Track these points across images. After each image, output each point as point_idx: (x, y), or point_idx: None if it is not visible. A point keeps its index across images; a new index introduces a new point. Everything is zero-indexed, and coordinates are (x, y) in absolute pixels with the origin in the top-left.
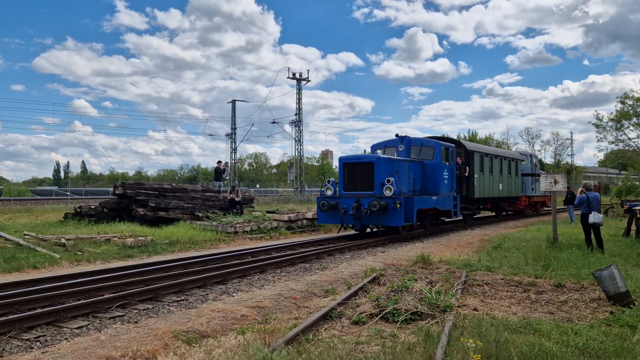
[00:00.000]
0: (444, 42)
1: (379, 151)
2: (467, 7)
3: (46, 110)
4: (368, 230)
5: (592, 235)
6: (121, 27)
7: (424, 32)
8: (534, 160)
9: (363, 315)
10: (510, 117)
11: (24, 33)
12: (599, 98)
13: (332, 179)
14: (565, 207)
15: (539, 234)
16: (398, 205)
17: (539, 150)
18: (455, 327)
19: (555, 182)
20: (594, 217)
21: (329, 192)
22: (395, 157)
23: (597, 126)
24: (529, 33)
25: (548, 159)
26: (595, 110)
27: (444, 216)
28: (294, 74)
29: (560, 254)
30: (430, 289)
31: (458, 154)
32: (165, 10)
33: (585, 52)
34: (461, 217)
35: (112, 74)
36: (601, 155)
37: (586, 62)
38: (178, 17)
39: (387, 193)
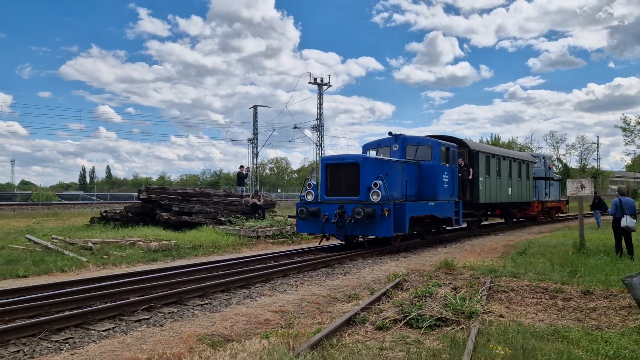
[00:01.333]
0: (465, 46)
1: (371, 152)
2: (488, 10)
3: (72, 116)
4: (357, 240)
5: (623, 241)
6: (144, 34)
7: (444, 35)
8: (548, 163)
9: (387, 320)
10: (534, 120)
11: (51, 41)
12: (625, 101)
13: (314, 182)
14: (592, 212)
15: (565, 239)
16: (386, 213)
17: (564, 155)
18: (481, 334)
19: (582, 186)
20: (626, 221)
21: (310, 197)
22: (386, 157)
23: (624, 130)
24: (552, 36)
25: (573, 163)
26: (623, 114)
27: (445, 224)
28: (315, 79)
29: (588, 260)
30: (455, 294)
31: (461, 155)
32: (186, 17)
33: (611, 54)
34: (465, 225)
35: (135, 81)
36: (629, 160)
37: (611, 65)
38: (199, 23)
39: (374, 198)
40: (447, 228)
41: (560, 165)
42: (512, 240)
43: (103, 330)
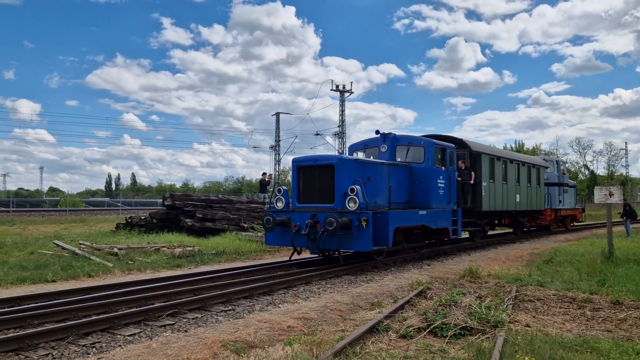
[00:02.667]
0: (487, 51)
1: (359, 153)
2: (510, 16)
3: (98, 124)
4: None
5: None
6: (167, 43)
7: (465, 41)
8: (562, 168)
9: (411, 329)
10: (559, 126)
11: (77, 51)
12: None
13: (285, 188)
14: (622, 219)
15: (592, 247)
16: (364, 223)
17: (590, 161)
18: (507, 344)
19: (611, 194)
20: None
21: (280, 205)
22: (369, 159)
23: None
24: (577, 40)
25: (601, 170)
26: None
27: (441, 235)
28: (337, 86)
29: (617, 269)
30: (480, 303)
31: (461, 157)
32: (209, 26)
33: (638, 59)
34: (467, 235)
35: (159, 89)
36: None
37: (639, 69)
38: (221, 32)
39: (351, 206)
40: (445, 239)
41: (587, 172)
42: (537, 249)
43: (129, 335)
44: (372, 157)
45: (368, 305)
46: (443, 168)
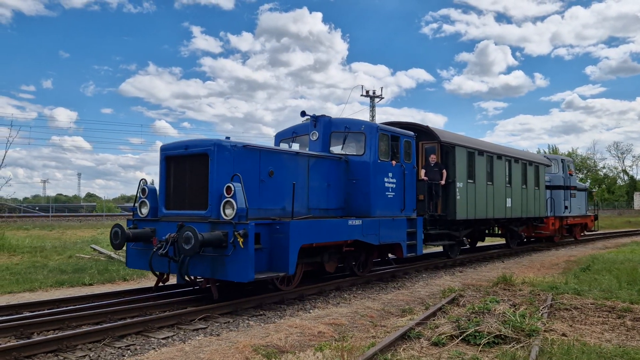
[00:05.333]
0: (517, 54)
1: (291, 144)
2: (542, 18)
3: (132, 131)
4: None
5: None
6: (197, 51)
7: (495, 44)
8: (569, 168)
9: (443, 336)
10: (595, 130)
11: (111, 60)
12: None
13: (153, 187)
14: None
15: (632, 255)
16: (240, 239)
17: (630, 166)
18: (542, 353)
19: None
20: None
21: (144, 211)
22: (269, 146)
23: None
24: (612, 42)
25: None
26: None
27: (393, 252)
28: (367, 92)
29: None
30: (514, 311)
31: (431, 151)
32: (237, 34)
33: None
34: (443, 250)
35: (189, 96)
36: None
37: None
38: (250, 39)
39: (227, 213)
40: (388, 259)
41: (626, 177)
42: (574, 256)
43: (162, 338)
44: (308, 149)
45: (399, 311)
46: (394, 162)
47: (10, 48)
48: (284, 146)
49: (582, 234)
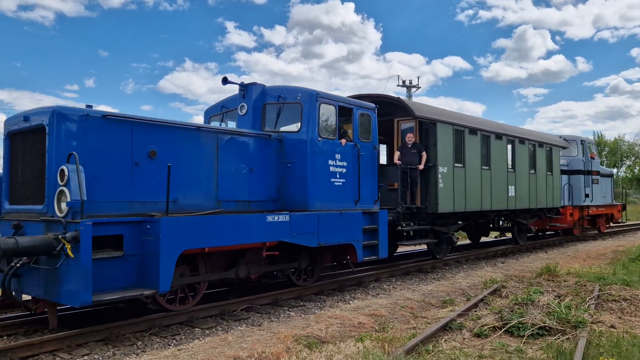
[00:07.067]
0: (557, 38)
1: (231, 124)
2: (583, 1)
3: None
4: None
5: None
6: (232, 46)
7: (534, 29)
8: (590, 150)
9: (485, 327)
10: None
11: (149, 58)
12: None
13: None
14: None
15: None
16: (68, 246)
17: None
18: (590, 345)
19: None
20: None
21: None
22: (149, 118)
23: None
24: None
25: None
26: None
27: (348, 255)
28: (403, 82)
29: None
30: (559, 302)
31: (409, 130)
32: (270, 28)
33: None
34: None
35: (226, 91)
36: None
37: None
38: (282, 33)
39: (60, 208)
40: (345, 262)
41: None
42: (623, 246)
43: (206, 328)
44: (228, 125)
45: (440, 303)
46: (343, 141)
47: (54, 49)
48: (214, 125)
49: (608, 225)
